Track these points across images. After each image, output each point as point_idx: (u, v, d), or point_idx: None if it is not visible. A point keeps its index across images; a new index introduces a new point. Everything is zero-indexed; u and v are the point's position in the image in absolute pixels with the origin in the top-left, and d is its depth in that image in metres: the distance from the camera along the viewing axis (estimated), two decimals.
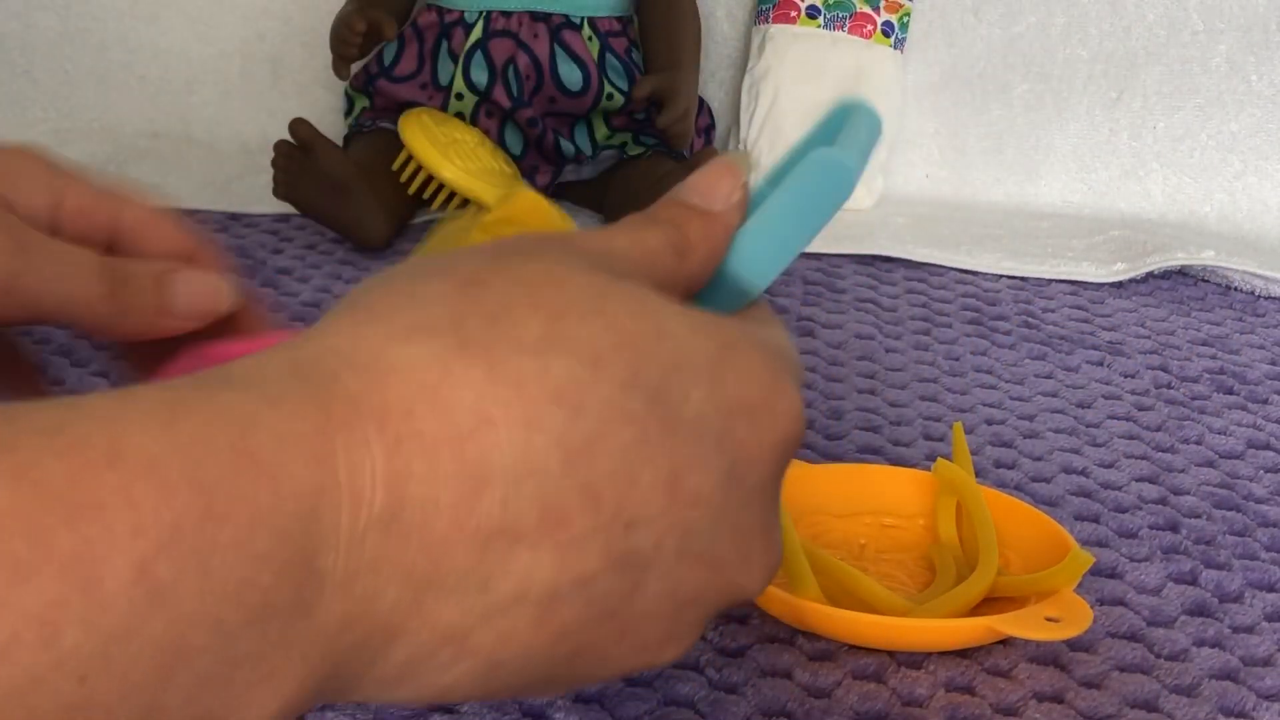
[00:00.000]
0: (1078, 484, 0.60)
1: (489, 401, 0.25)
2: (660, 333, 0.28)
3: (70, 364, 0.66)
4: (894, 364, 0.73)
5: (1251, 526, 0.57)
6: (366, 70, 0.98)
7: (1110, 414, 0.68)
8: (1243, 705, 0.45)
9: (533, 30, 0.95)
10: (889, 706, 0.44)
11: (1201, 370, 0.74)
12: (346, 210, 0.86)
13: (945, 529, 0.53)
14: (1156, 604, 0.50)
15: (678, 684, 0.44)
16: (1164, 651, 0.47)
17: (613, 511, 0.27)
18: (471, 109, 0.96)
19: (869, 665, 0.46)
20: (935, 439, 0.64)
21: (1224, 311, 0.85)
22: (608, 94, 0.96)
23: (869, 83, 1.05)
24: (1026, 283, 0.89)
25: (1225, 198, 1.06)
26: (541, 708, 0.42)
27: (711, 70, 1.11)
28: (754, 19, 1.10)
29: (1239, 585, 0.52)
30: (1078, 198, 1.08)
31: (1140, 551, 0.54)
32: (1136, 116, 1.07)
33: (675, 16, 0.99)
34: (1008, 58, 1.09)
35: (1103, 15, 1.07)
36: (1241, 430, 0.67)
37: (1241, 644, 0.48)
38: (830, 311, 0.81)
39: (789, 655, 0.46)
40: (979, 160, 1.10)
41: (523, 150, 0.96)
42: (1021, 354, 0.76)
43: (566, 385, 0.26)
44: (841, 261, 0.91)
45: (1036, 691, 0.45)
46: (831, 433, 0.64)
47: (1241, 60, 1.05)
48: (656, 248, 0.32)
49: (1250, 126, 1.06)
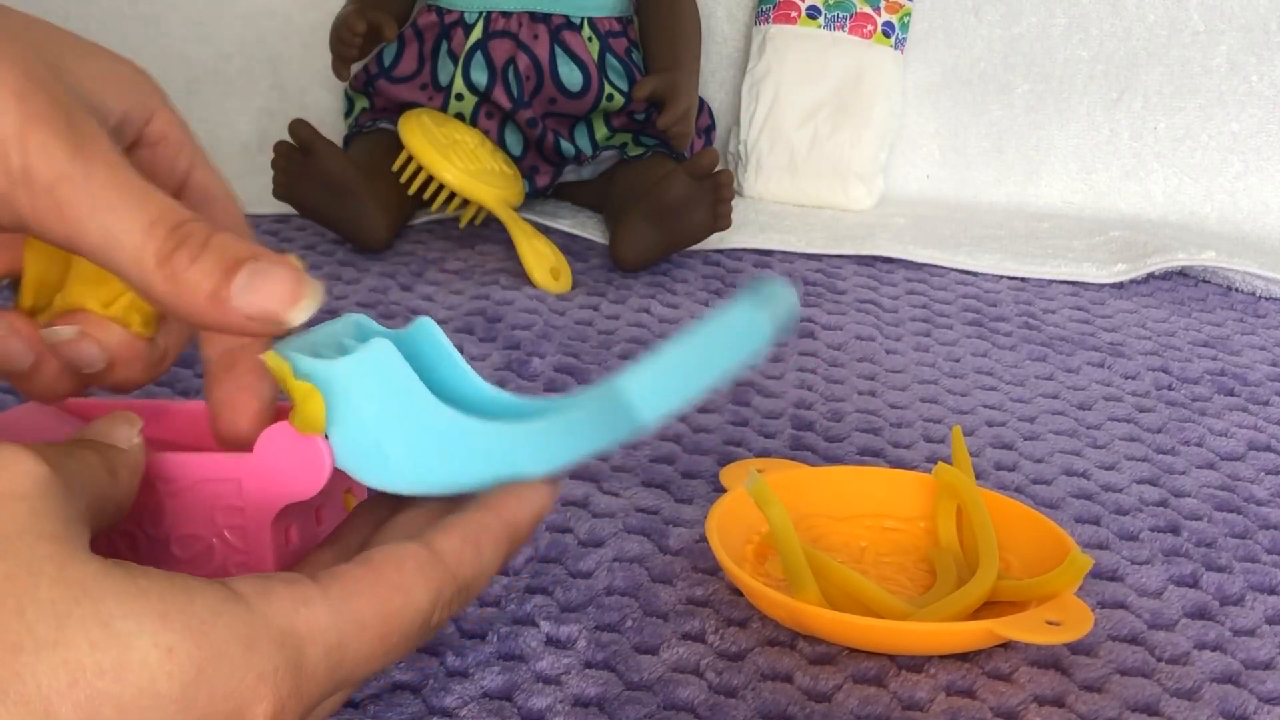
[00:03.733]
0: (1078, 486, 0.60)
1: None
2: (121, 666, 0.27)
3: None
4: (894, 365, 0.73)
5: (1253, 529, 0.57)
6: (366, 71, 0.98)
7: (1111, 415, 0.68)
8: (1244, 709, 0.45)
9: (532, 31, 0.95)
10: (889, 710, 0.44)
11: (1203, 371, 0.74)
12: (346, 211, 0.86)
13: (945, 532, 0.53)
14: (1157, 607, 0.50)
15: (678, 688, 0.44)
16: (1165, 655, 0.47)
17: None
18: (471, 109, 0.96)
19: (869, 669, 0.46)
20: (936, 440, 0.64)
21: (1225, 313, 0.85)
22: (608, 94, 0.96)
23: (869, 83, 1.05)
24: (1027, 284, 0.89)
25: (1226, 198, 1.06)
26: (541, 711, 0.42)
27: (711, 70, 1.11)
28: (754, 19, 1.10)
29: (1240, 588, 0.52)
30: (1078, 198, 1.08)
31: (1141, 554, 0.54)
32: (1137, 117, 1.07)
33: (675, 17, 0.99)
34: (1008, 58, 1.09)
35: (1103, 15, 1.07)
36: (1243, 432, 0.67)
37: (1242, 647, 0.48)
38: (830, 312, 0.81)
39: (789, 659, 0.46)
40: (979, 160, 1.10)
41: (523, 151, 0.96)
42: (1022, 355, 0.76)
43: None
44: (842, 262, 0.91)
45: (1037, 695, 0.45)
46: (832, 435, 0.64)
47: (1242, 61, 1.05)
48: (94, 463, 0.33)
49: (1251, 127, 1.05)
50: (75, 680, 0.27)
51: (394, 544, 0.34)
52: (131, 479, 0.35)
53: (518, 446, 0.39)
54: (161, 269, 0.33)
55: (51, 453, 0.31)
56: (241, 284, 0.33)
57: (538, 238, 0.85)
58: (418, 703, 0.42)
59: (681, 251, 0.89)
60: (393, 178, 0.89)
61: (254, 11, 1.13)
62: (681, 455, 0.60)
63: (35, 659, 0.27)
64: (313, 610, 0.31)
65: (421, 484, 0.39)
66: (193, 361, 0.67)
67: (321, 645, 0.31)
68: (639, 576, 0.50)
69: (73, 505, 0.30)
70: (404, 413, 0.38)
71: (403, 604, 0.33)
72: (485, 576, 0.36)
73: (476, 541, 0.36)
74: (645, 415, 0.37)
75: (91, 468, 0.33)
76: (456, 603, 0.35)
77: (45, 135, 0.32)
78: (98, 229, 0.32)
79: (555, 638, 0.46)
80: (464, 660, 0.44)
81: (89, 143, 0.32)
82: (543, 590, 0.49)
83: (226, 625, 0.29)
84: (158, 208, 0.33)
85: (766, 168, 1.05)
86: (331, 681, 0.32)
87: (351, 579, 0.33)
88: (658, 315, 0.79)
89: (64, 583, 0.28)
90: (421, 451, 0.38)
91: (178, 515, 0.39)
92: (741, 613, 0.48)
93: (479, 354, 0.71)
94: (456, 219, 0.93)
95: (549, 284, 0.82)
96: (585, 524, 0.54)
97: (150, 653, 0.28)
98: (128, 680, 0.27)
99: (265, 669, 0.30)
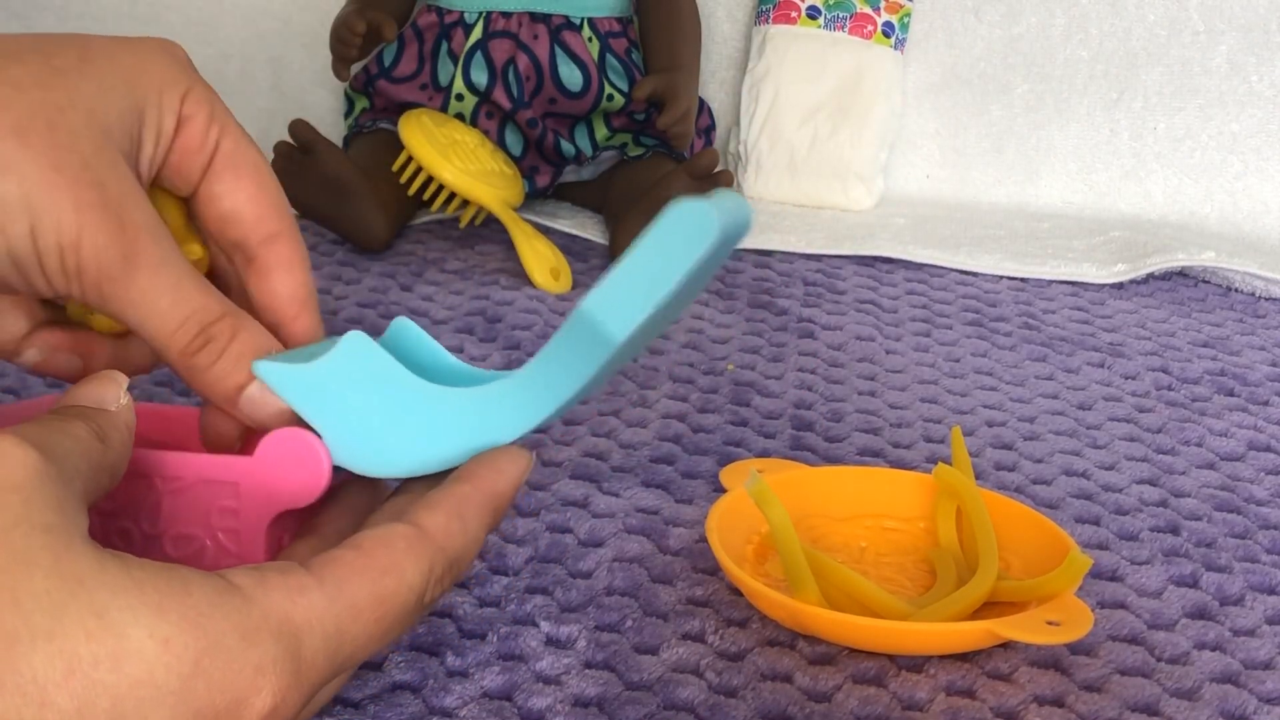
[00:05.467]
0: (1078, 486, 0.60)
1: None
2: (117, 656, 0.28)
3: None
4: (894, 365, 0.73)
5: (1252, 529, 0.57)
6: (366, 71, 0.98)
7: (1111, 416, 0.68)
8: (1244, 709, 0.45)
9: (532, 31, 0.95)
10: (889, 710, 0.44)
11: (1202, 372, 0.74)
12: (346, 211, 0.86)
13: (945, 533, 0.53)
14: (1157, 607, 0.50)
15: (677, 688, 0.44)
16: (1165, 655, 0.47)
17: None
18: (471, 110, 0.96)
19: (869, 669, 0.46)
20: (936, 441, 0.64)
21: (1225, 313, 0.85)
22: (608, 95, 0.96)
23: (869, 83, 1.05)
24: (1027, 284, 0.89)
25: (1226, 199, 1.06)
26: (541, 711, 0.42)
27: (711, 70, 1.11)
28: (754, 19, 1.10)
29: (1240, 588, 0.52)
30: (1078, 198, 1.08)
31: (1141, 554, 0.54)
32: (1137, 117, 1.07)
33: (675, 17, 0.99)
34: (1008, 58, 1.09)
35: (1103, 16, 1.07)
36: (1242, 432, 0.67)
37: (1242, 647, 0.48)
38: (830, 313, 0.81)
39: (789, 659, 0.46)
40: (979, 161, 1.10)
41: (523, 151, 0.96)
42: (1022, 355, 0.76)
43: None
44: (842, 262, 0.91)
45: (1037, 695, 0.45)
46: (831, 435, 0.64)
47: (1242, 61, 1.05)
48: (83, 435, 0.33)
49: (1251, 127, 1.05)
50: (71, 670, 0.27)
51: (382, 526, 0.35)
52: (123, 442, 0.35)
53: (504, 405, 0.39)
54: (182, 363, 0.37)
55: (40, 432, 0.32)
56: (249, 397, 0.38)
57: (538, 238, 0.85)
58: (417, 702, 0.42)
59: None
60: (393, 178, 0.89)
61: (254, 12, 1.13)
62: (681, 455, 0.60)
63: (31, 649, 0.27)
64: (309, 598, 0.31)
65: (416, 464, 0.39)
66: None
67: (319, 633, 0.31)
68: (639, 577, 0.50)
69: (67, 490, 0.30)
70: (389, 395, 0.39)
71: (396, 584, 0.34)
72: (473, 548, 0.37)
73: (461, 514, 0.36)
74: (615, 331, 0.36)
75: (81, 441, 0.33)
76: (448, 578, 0.36)
77: (99, 239, 0.35)
78: (135, 318, 0.37)
79: (555, 638, 0.46)
80: (464, 660, 0.44)
81: (138, 242, 0.36)
82: (543, 590, 0.49)
83: (224, 616, 0.29)
84: (190, 308, 0.37)
85: (766, 168, 1.05)
86: (330, 668, 0.32)
87: (343, 564, 0.33)
88: None
89: (59, 574, 0.28)
90: (412, 430, 0.39)
91: (175, 514, 0.39)
92: (741, 613, 0.48)
93: (479, 354, 0.71)
94: (456, 219, 0.93)
95: (549, 284, 0.82)
96: (585, 524, 0.54)
97: (146, 644, 0.28)
98: (124, 671, 0.27)
99: (264, 660, 0.30)
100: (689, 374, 0.70)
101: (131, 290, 0.36)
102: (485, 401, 0.39)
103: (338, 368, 0.38)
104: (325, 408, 0.39)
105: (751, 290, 0.84)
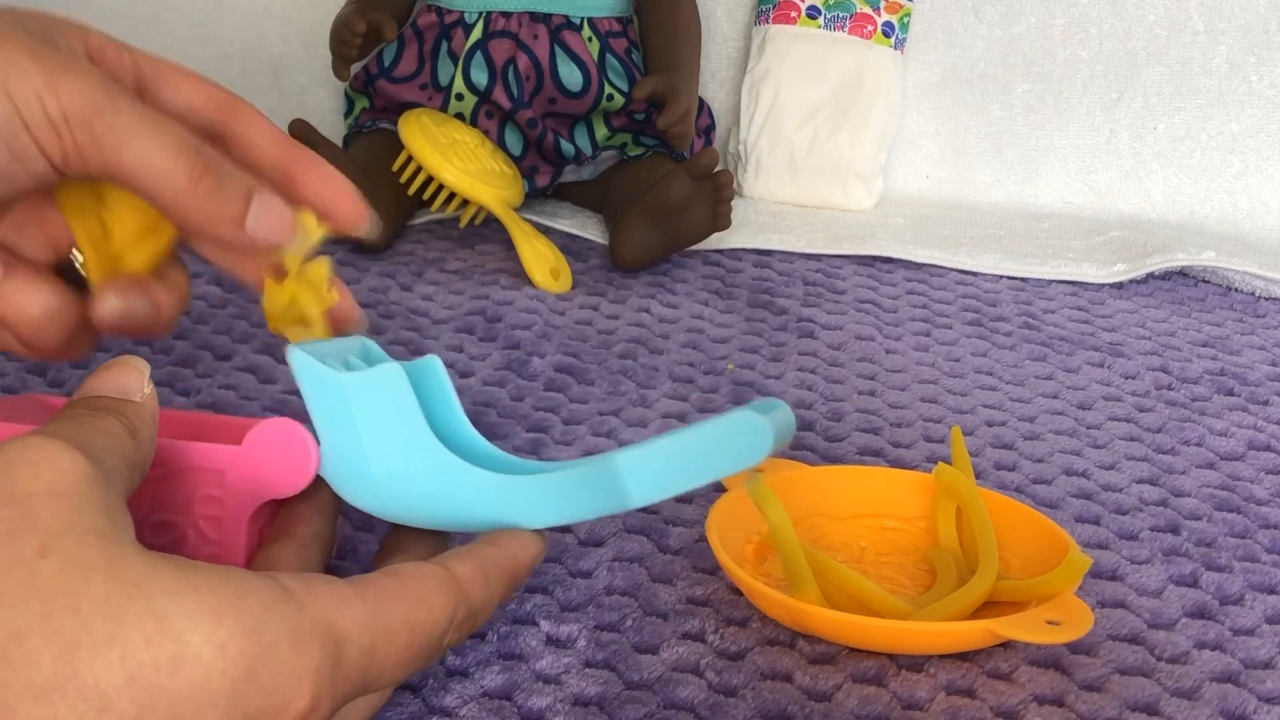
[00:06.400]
0: (1078, 486, 0.60)
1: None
2: (176, 662, 0.28)
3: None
4: (894, 365, 0.73)
5: (1252, 528, 0.57)
6: (366, 71, 0.98)
7: (1111, 415, 0.68)
8: (1244, 708, 0.45)
9: (532, 31, 0.95)
10: (889, 710, 0.44)
11: (1202, 371, 0.74)
12: None
13: (945, 532, 0.53)
14: (1157, 606, 0.50)
15: (678, 687, 0.44)
16: (1165, 654, 0.47)
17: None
18: (471, 110, 0.96)
19: (869, 668, 0.46)
20: (936, 440, 0.64)
21: (1224, 313, 0.85)
22: (608, 95, 0.96)
23: (869, 83, 1.05)
24: (1027, 283, 0.89)
25: (1226, 198, 1.06)
26: (540, 711, 0.42)
27: (711, 70, 1.11)
28: (754, 19, 1.10)
29: (1240, 588, 0.52)
30: (1078, 198, 1.08)
31: (1141, 554, 0.54)
32: (1137, 117, 1.07)
33: (675, 17, 0.99)
34: (1008, 58, 1.09)
35: (1103, 16, 1.07)
36: (1242, 432, 0.67)
37: (1242, 647, 0.48)
38: (830, 312, 0.81)
39: (789, 658, 0.46)
40: (979, 160, 1.10)
41: (523, 151, 0.96)
42: (1022, 355, 0.76)
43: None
44: (841, 262, 0.91)
45: (1037, 694, 0.45)
46: (831, 434, 0.64)
47: (1242, 61, 1.05)
48: (117, 431, 0.33)
49: (1251, 127, 1.06)
50: (132, 676, 0.27)
51: (416, 563, 0.36)
52: (151, 435, 0.35)
53: (504, 498, 0.40)
54: (193, 190, 0.37)
55: (79, 432, 0.32)
56: (254, 214, 0.38)
57: (538, 238, 0.85)
58: (417, 702, 0.42)
59: (681, 251, 0.89)
60: (393, 178, 0.89)
61: (254, 12, 1.13)
62: None
63: (93, 655, 0.27)
64: (353, 610, 0.32)
65: (398, 512, 0.40)
66: (193, 361, 0.67)
67: (357, 645, 0.32)
68: (639, 576, 0.50)
69: (113, 492, 0.31)
70: (398, 440, 0.39)
71: (426, 616, 0.34)
72: (491, 606, 0.38)
73: (486, 572, 0.38)
74: (634, 496, 0.38)
75: (116, 438, 0.33)
76: (466, 626, 0.37)
77: (72, 79, 0.35)
78: (133, 154, 0.36)
79: (555, 637, 0.46)
80: (464, 660, 0.44)
81: (109, 82, 0.36)
82: (542, 590, 0.49)
83: (278, 621, 0.30)
84: (179, 134, 0.37)
85: (766, 168, 1.05)
86: (362, 680, 0.33)
87: (382, 587, 0.34)
88: (658, 315, 0.79)
89: (115, 578, 0.28)
90: (406, 481, 0.39)
91: (159, 500, 0.39)
92: (741, 612, 0.48)
93: (479, 354, 0.71)
94: (456, 219, 0.93)
95: (549, 284, 0.82)
96: (585, 524, 0.54)
97: (204, 649, 0.28)
98: (182, 677, 0.28)
99: (309, 666, 0.30)
100: (689, 374, 0.70)
101: (121, 120, 0.36)
102: (488, 488, 0.40)
103: (364, 389, 0.39)
104: (332, 418, 0.39)
105: (751, 290, 0.84)
